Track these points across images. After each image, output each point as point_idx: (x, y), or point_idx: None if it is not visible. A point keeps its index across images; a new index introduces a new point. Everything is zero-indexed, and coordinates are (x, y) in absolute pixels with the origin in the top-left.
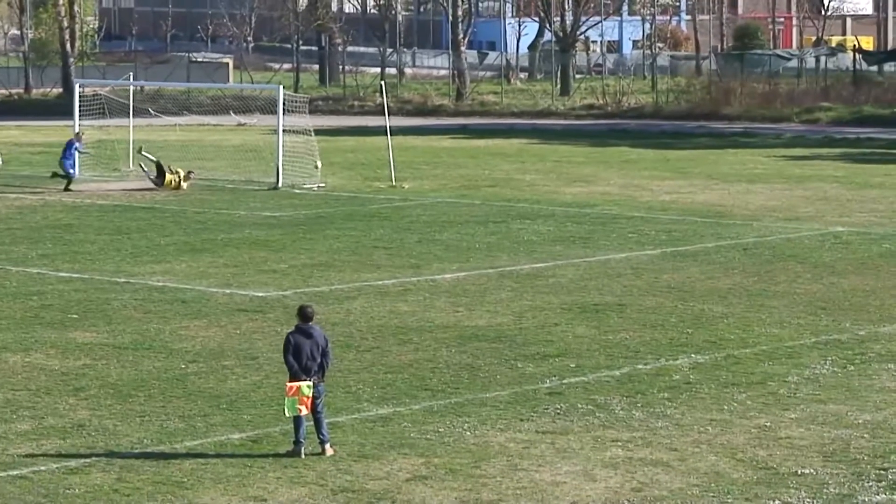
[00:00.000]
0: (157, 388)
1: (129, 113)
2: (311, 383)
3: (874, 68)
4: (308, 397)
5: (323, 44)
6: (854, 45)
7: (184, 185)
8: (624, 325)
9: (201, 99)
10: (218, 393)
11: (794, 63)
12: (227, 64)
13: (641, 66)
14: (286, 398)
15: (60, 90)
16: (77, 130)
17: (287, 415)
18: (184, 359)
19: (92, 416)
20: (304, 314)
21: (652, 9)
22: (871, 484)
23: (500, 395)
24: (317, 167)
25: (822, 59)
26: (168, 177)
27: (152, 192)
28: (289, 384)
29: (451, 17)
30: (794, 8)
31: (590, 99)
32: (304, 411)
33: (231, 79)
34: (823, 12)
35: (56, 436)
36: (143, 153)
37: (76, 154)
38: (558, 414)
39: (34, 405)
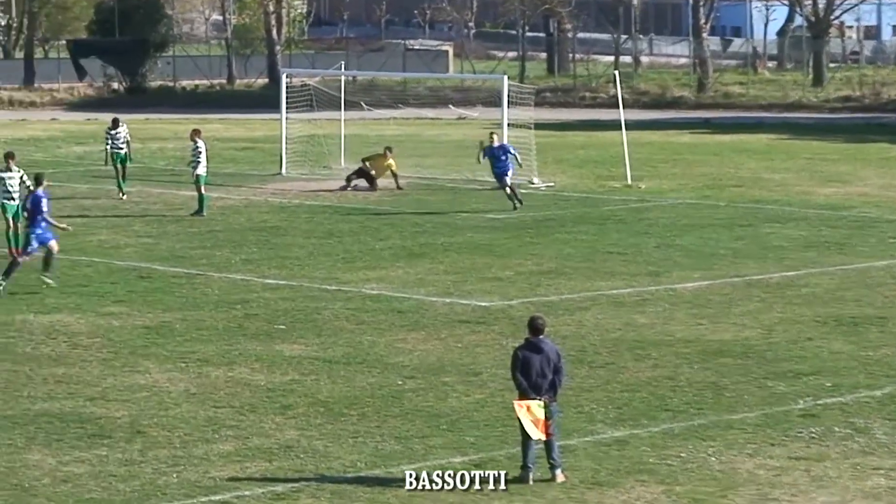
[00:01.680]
0: (371, 406)
1: (339, 105)
2: (541, 402)
3: None
4: (539, 418)
5: (551, 30)
6: None
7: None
8: (886, 341)
9: (418, 90)
10: (437, 412)
11: None
12: (447, 52)
13: None
14: (524, 420)
15: (266, 80)
16: (491, 133)
17: (535, 438)
18: (400, 374)
19: (300, 436)
20: (534, 326)
21: None
22: None
23: (747, 417)
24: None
25: None
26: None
27: (365, 192)
28: (517, 402)
29: (691, 1)
30: None
31: (845, 90)
32: (540, 435)
33: (451, 68)
34: None
35: (261, 457)
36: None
37: (512, 155)
38: (813, 438)
39: (238, 424)
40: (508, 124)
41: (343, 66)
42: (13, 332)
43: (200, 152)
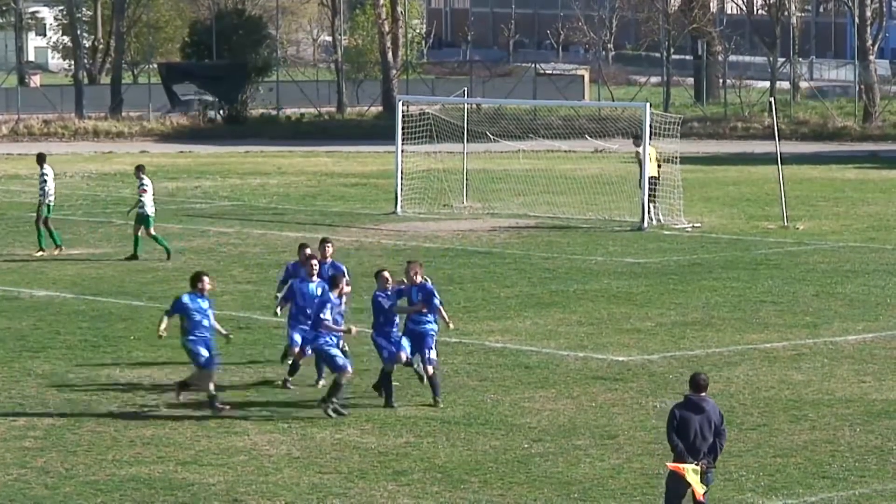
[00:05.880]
0: (494, 472)
1: (462, 137)
2: (698, 468)
3: None
4: (696, 490)
5: (699, 52)
6: None
7: None
8: None
9: (550, 119)
10: (568, 479)
11: None
12: (582, 77)
13: None
14: (688, 475)
15: (380, 109)
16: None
17: (700, 491)
18: (527, 437)
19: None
20: (696, 383)
21: None
22: None
23: None
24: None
25: None
26: None
27: (490, 232)
28: (671, 465)
29: (856, 20)
30: None
31: None
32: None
33: (587, 95)
34: None
35: None
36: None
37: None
38: None
39: (346, 492)
40: (650, 158)
41: (466, 92)
42: (97, 388)
43: (146, 191)
